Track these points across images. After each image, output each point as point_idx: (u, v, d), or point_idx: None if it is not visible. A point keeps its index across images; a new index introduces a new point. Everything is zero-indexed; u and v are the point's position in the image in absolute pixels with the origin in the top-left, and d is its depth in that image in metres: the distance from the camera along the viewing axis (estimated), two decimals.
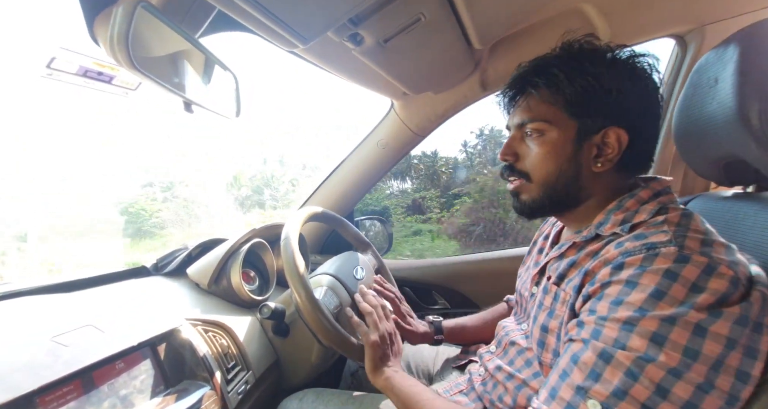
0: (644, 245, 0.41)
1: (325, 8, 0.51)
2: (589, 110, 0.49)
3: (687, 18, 0.81)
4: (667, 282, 0.37)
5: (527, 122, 0.52)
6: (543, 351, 0.51)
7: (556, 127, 0.50)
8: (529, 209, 0.55)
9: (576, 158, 0.50)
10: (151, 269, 0.91)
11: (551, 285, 0.52)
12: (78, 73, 0.47)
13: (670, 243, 0.40)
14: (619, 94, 0.47)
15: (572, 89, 0.48)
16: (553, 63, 0.51)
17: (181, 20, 0.47)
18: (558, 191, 0.52)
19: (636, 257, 0.40)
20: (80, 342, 0.51)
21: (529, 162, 0.53)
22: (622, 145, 0.48)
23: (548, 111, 0.50)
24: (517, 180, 0.55)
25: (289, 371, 0.82)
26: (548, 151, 0.51)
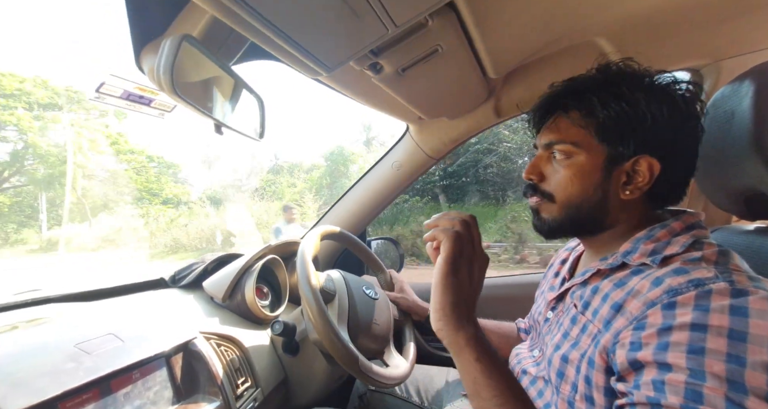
0: (690, 281, 0.38)
1: (349, 41, 0.55)
2: (622, 137, 0.47)
3: (703, 53, 0.82)
4: (739, 320, 0.34)
5: (555, 144, 0.51)
6: (562, 382, 0.49)
7: (584, 151, 0.49)
8: (549, 227, 0.54)
9: (603, 184, 0.49)
10: (169, 282, 0.94)
11: (579, 315, 0.50)
12: (122, 96, 0.51)
13: (717, 278, 0.38)
14: (654, 122, 0.46)
15: (605, 114, 0.47)
16: (588, 85, 0.50)
17: (217, 51, 0.51)
18: (581, 214, 0.51)
19: (686, 296, 0.37)
20: (101, 350, 0.53)
21: (553, 183, 0.52)
22: (654, 174, 0.47)
23: (578, 134, 0.49)
24: (539, 198, 0.54)
25: (296, 390, 0.81)
26: (574, 175, 0.50)
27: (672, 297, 0.38)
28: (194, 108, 0.46)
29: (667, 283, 0.40)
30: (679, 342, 0.36)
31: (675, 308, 0.38)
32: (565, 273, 0.61)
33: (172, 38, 0.40)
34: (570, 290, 0.55)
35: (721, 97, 0.56)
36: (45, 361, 0.48)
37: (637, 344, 0.39)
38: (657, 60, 0.84)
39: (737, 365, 0.33)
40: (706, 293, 0.37)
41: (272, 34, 0.45)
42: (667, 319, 0.37)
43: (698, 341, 0.35)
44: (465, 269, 0.45)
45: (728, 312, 0.35)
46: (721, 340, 0.34)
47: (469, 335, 0.43)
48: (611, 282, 0.47)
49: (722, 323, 0.35)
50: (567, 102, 0.51)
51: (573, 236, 0.57)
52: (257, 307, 0.84)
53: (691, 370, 0.34)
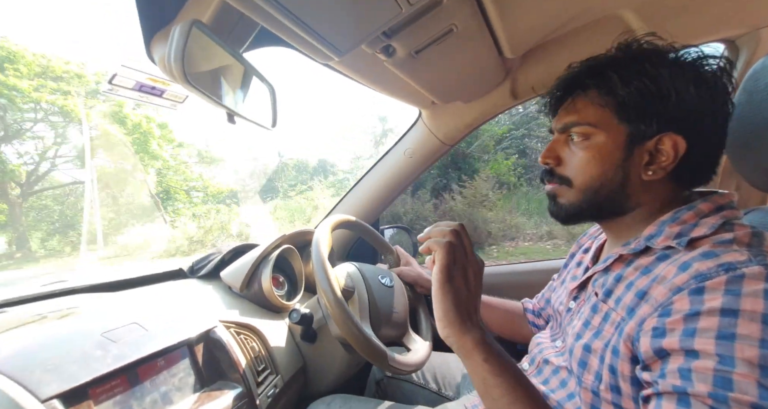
0: (720, 265, 0.37)
1: (360, 22, 0.53)
2: (644, 115, 0.45)
3: (739, 22, 0.76)
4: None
5: (572, 126, 0.50)
6: (584, 372, 0.48)
7: (603, 132, 0.47)
8: (566, 212, 0.52)
9: (624, 165, 0.47)
10: (188, 272, 0.95)
11: (601, 304, 0.48)
12: (134, 87, 0.51)
13: (750, 262, 0.36)
14: (679, 98, 0.44)
15: (626, 91, 0.45)
16: (607, 63, 0.48)
17: (227, 37, 0.50)
18: (600, 198, 0.49)
19: (716, 280, 0.36)
20: (127, 339, 0.54)
21: (571, 167, 0.50)
22: (679, 153, 0.45)
23: (596, 114, 0.48)
24: (555, 183, 0.53)
25: (315, 377, 0.83)
26: (593, 157, 0.48)
27: (700, 282, 0.36)
28: (206, 97, 0.45)
29: (695, 267, 0.38)
30: (707, 328, 0.34)
31: (703, 293, 0.36)
32: (588, 262, 0.60)
33: (182, 24, 0.39)
34: (592, 278, 0.53)
35: (762, 69, 0.52)
36: (74, 349, 0.49)
37: (661, 330, 0.37)
38: (687, 32, 0.79)
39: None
40: (738, 277, 0.35)
41: (282, 17, 0.43)
42: (695, 304, 0.36)
43: (728, 326, 0.33)
44: (460, 276, 0.46)
45: (763, 296, 0.33)
46: (755, 325, 0.32)
47: (476, 338, 0.44)
48: (636, 270, 0.45)
49: (756, 308, 0.33)
50: (585, 81, 0.49)
51: (592, 221, 0.55)
52: (274, 296, 0.85)
53: (720, 356, 0.33)
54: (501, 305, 0.85)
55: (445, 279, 0.45)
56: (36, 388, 0.41)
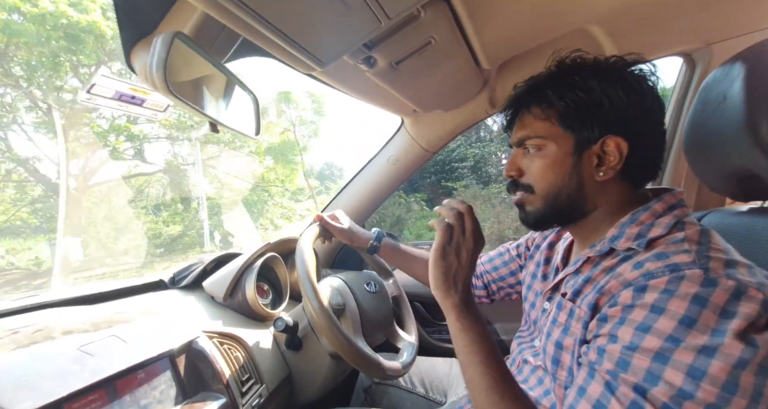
0: (667, 266, 0.40)
1: (341, 35, 0.54)
2: (584, 122, 0.50)
3: (694, 37, 0.83)
4: (696, 308, 0.36)
5: (525, 139, 0.54)
6: (558, 369, 0.51)
7: (553, 142, 0.52)
8: (534, 219, 0.56)
9: (577, 169, 0.51)
10: (168, 283, 0.93)
11: (566, 301, 0.52)
12: (114, 97, 0.51)
13: (694, 264, 0.39)
14: (611, 104, 0.48)
15: (563, 104, 0.50)
16: (544, 82, 0.54)
17: (209, 48, 0.51)
18: (561, 202, 0.53)
19: (660, 280, 0.39)
20: (105, 352, 0.53)
21: (531, 176, 0.55)
22: (623, 153, 0.49)
23: (543, 127, 0.52)
24: (520, 193, 0.57)
25: (301, 385, 0.82)
26: (548, 164, 0.52)
27: (647, 280, 0.40)
28: (189, 106, 0.46)
29: (646, 267, 0.42)
30: (633, 320, 0.39)
31: (645, 290, 0.40)
32: (558, 263, 0.62)
33: (164, 36, 0.39)
34: (564, 280, 0.56)
35: (713, 81, 0.57)
36: (49, 364, 0.48)
37: (603, 316, 0.43)
38: (649, 46, 0.85)
39: (672, 343, 0.35)
40: (678, 279, 0.38)
41: (264, 29, 0.45)
42: (635, 299, 0.40)
43: (650, 320, 0.38)
44: (453, 253, 0.54)
45: (690, 300, 0.36)
46: (671, 323, 0.36)
47: (454, 301, 0.53)
48: (603, 272, 0.48)
49: (679, 310, 0.36)
50: (527, 100, 0.54)
51: (558, 225, 0.59)
52: (258, 305, 0.84)
53: (631, 343, 0.38)
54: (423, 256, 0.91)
55: (437, 256, 0.54)
56: (9, 405, 0.40)
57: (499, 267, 0.82)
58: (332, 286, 0.81)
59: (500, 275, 0.82)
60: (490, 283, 0.84)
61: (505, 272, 0.81)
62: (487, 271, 0.84)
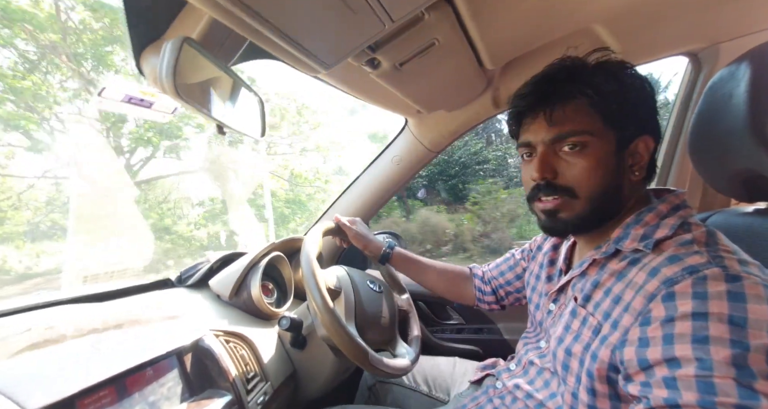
0: (684, 269, 0.39)
1: (346, 38, 0.55)
2: (624, 119, 0.48)
3: (700, 36, 0.82)
4: (738, 305, 0.35)
5: (568, 135, 0.48)
6: (567, 374, 0.50)
7: (597, 139, 0.47)
8: (571, 225, 0.51)
9: (619, 170, 0.49)
10: (175, 282, 0.95)
11: (579, 308, 0.51)
12: (124, 100, 0.52)
13: (710, 264, 0.38)
14: (640, 102, 0.49)
15: (613, 99, 0.47)
16: (592, 71, 0.49)
17: (217, 52, 0.52)
18: (604, 205, 0.49)
19: (683, 284, 0.38)
20: (114, 349, 0.54)
21: (572, 177, 0.49)
22: (650, 152, 0.49)
23: (590, 121, 0.47)
24: (558, 198, 0.50)
25: (305, 383, 0.83)
26: (594, 165, 0.48)
27: (669, 287, 0.39)
28: (197, 109, 0.47)
29: (663, 273, 0.41)
30: (683, 333, 0.36)
31: (674, 298, 0.38)
32: (562, 265, 0.62)
33: (173, 41, 0.40)
34: (571, 283, 0.55)
35: (719, 80, 0.56)
36: (61, 361, 0.49)
37: (644, 340, 0.39)
38: (654, 45, 0.84)
39: (741, 349, 0.34)
40: (701, 279, 0.37)
41: (270, 33, 0.45)
42: (669, 310, 0.38)
43: (701, 329, 0.36)
44: None
45: (726, 298, 0.36)
46: (723, 326, 0.35)
47: None
48: (612, 275, 0.48)
49: (722, 310, 0.35)
50: (571, 88, 0.48)
51: (591, 231, 0.54)
52: (263, 303, 0.85)
53: (699, 360, 0.35)
54: (444, 268, 0.90)
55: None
56: (23, 400, 0.41)
57: (506, 272, 0.82)
58: (335, 272, 0.82)
59: (506, 279, 0.82)
60: (497, 288, 0.84)
61: (511, 276, 0.81)
62: (494, 277, 0.85)
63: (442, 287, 0.90)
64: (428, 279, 0.89)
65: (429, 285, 0.90)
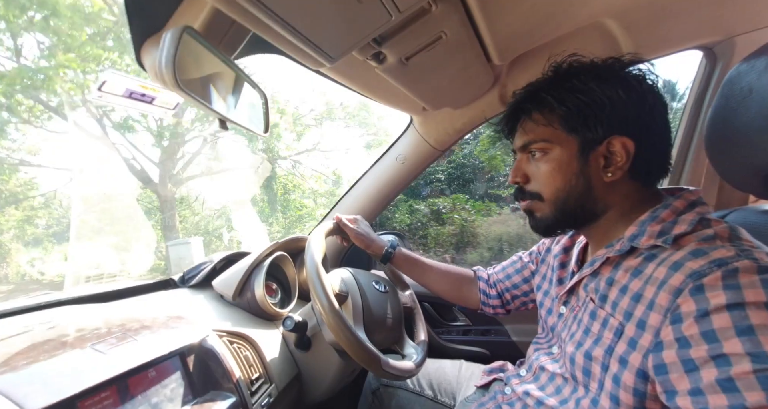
0: (711, 262, 0.38)
1: (351, 29, 0.53)
2: (586, 124, 0.49)
3: (715, 30, 0.80)
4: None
5: (530, 143, 0.54)
6: (590, 380, 0.48)
7: (557, 145, 0.51)
8: (545, 226, 0.55)
9: (584, 171, 0.51)
10: (178, 282, 0.94)
11: (599, 309, 0.49)
12: (124, 94, 0.51)
13: (739, 257, 0.37)
14: (612, 104, 0.48)
15: (564, 108, 0.50)
16: (542, 87, 0.53)
17: (219, 43, 0.50)
18: (571, 207, 0.52)
19: (713, 277, 0.36)
20: (116, 350, 0.53)
21: (538, 182, 0.54)
22: (630, 152, 0.48)
23: (545, 131, 0.52)
24: (528, 201, 0.56)
25: (310, 385, 0.82)
26: (554, 169, 0.52)
27: (697, 280, 0.37)
28: (198, 103, 0.45)
29: (688, 266, 0.39)
30: (724, 327, 0.34)
31: (704, 291, 0.36)
32: (573, 266, 0.61)
33: (173, 31, 0.39)
34: (582, 283, 0.54)
35: (737, 74, 0.54)
36: (62, 361, 0.48)
37: (683, 340, 0.36)
38: (667, 39, 0.82)
39: None
40: (732, 271, 0.36)
41: (274, 24, 0.44)
42: (700, 303, 0.36)
43: (742, 319, 0.33)
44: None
45: (761, 286, 0.34)
46: (763, 313, 0.33)
47: None
48: (627, 272, 0.46)
49: (758, 298, 0.34)
50: (527, 106, 0.54)
51: (571, 229, 0.59)
52: (267, 304, 0.84)
53: (751, 354, 0.32)
54: (447, 270, 0.88)
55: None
56: (23, 401, 0.40)
57: (512, 275, 0.80)
58: (340, 275, 0.80)
59: (513, 282, 0.80)
60: (503, 292, 0.82)
61: (518, 279, 0.80)
62: (500, 280, 0.82)
63: (444, 289, 0.88)
64: (431, 281, 0.88)
65: (431, 287, 0.88)
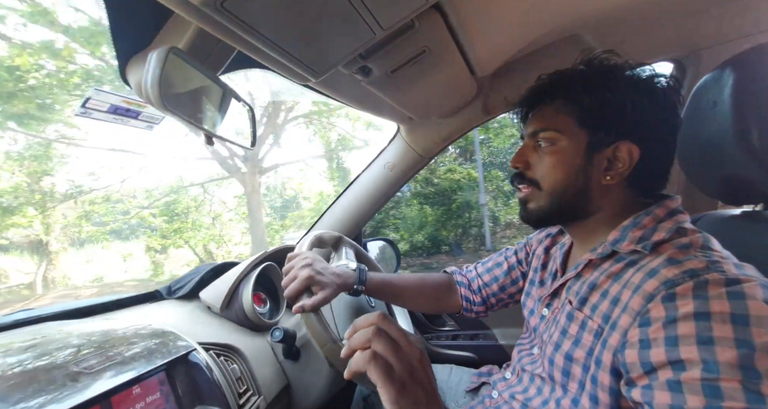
0: (685, 272, 0.39)
1: (337, 46, 0.55)
2: (603, 123, 0.49)
3: (682, 43, 0.84)
4: (738, 303, 0.35)
5: (540, 131, 0.53)
6: (568, 380, 0.50)
7: (566, 138, 0.51)
8: (536, 217, 0.55)
9: (585, 170, 0.51)
10: (165, 294, 0.93)
11: (575, 311, 0.50)
12: (108, 110, 0.51)
13: (709, 269, 0.39)
14: (634, 109, 0.48)
15: (588, 101, 0.50)
16: (573, 76, 0.53)
17: (205, 61, 0.51)
18: (566, 201, 0.52)
19: (685, 286, 0.38)
20: (99, 367, 0.52)
21: (539, 170, 0.54)
22: (633, 160, 0.49)
23: (561, 121, 0.52)
24: (527, 188, 0.55)
25: (299, 396, 0.81)
26: (558, 160, 0.52)
27: (670, 288, 0.39)
28: (184, 120, 0.46)
29: (663, 274, 0.41)
30: (687, 334, 0.36)
31: (675, 299, 0.38)
32: (557, 268, 0.61)
33: (159, 51, 0.39)
34: (566, 286, 0.55)
35: (704, 87, 0.58)
36: (42, 380, 0.47)
37: (646, 342, 0.39)
38: (639, 52, 0.86)
39: (747, 349, 0.33)
40: (703, 283, 0.38)
41: (259, 42, 0.45)
42: (670, 311, 0.38)
43: (705, 330, 0.35)
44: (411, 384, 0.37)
45: (726, 298, 0.36)
46: (726, 326, 0.34)
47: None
48: (608, 277, 0.48)
49: (723, 309, 0.35)
50: (553, 91, 0.53)
51: (559, 224, 0.59)
52: (256, 315, 0.84)
53: (704, 362, 0.34)
54: (422, 283, 0.82)
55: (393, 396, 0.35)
56: None
57: (500, 277, 0.78)
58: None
59: (501, 285, 0.78)
60: (489, 296, 0.80)
61: (507, 281, 0.78)
62: (486, 284, 0.80)
63: (422, 304, 0.84)
64: (407, 301, 0.82)
65: (408, 306, 0.84)
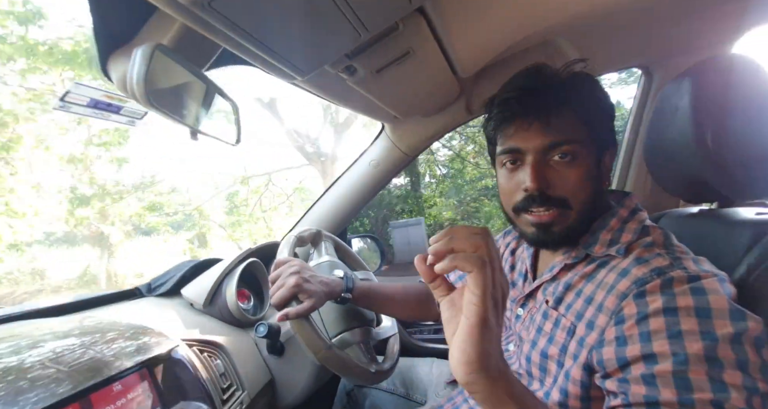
0: (653, 270, 0.42)
1: (323, 46, 0.56)
2: (602, 130, 0.50)
3: (650, 51, 0.89)
4: (700, 298, 0.38)
5: (561, 144, 0.46)
6: (545, 376, 0.52)
7: (585, 149, 0.47)
8: (560, 238, 0.50)
9: (599, 179, 0.50)
10: (144, 291, 0.91)
11: (551, 310, 0.52)
12: (89, 105, 0.50)
13: (672, 267, 0.42)
14: (612, 118, 0.52)
15: (594, 111, 0.49)
16: (576, 81, 0.49)
17: (190, 57, 0.51)
18: (591, 215, 0.50)
19: (653, 284, 0.41)
20: (77, 365, 0.51)
21: (564, 188, 0.47)
22: (612, 161, 0.53)
23: (579, 131, 0.47)
24: (554, 210, 0.48)
25: (283, 390, 0.82)
26: (584, 174, 0.47)
27: (640, 286, 0.42)
28: (168, 116, 0.45)
29: (633, 273, 0.44)
30: (658, 329, 0.38)
31: (645, 296, 0.41)
32: (528, 269, 0.62)
33: (144, 48, 0.39)
34: (541, 287, 0.56)
35: (666, 93, 0.62)
36: (17, 379, 0.46)
37: (622, 339, 0.41)
38: (611, 58, 0.91)
39: (710, 340, 0.36)
40: (668, 281, 0.41)
41: (246, 41, 0.45)
42: (641, 307, 0.40)
43: (673, 324, 0.38)
44: (496, 313, 0.34)
45: (690, 293, 0.39)
46: (692, 319, 0.37)
47: (509, 384, 0.35)
48: (582, 278, 0.50)
49: (688, 304, 0.38)
50: (555, 100, 0.47)
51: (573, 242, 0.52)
52: (239, 311, 0.84)
53: (674, 355, 0.36)
54: (406, 293, 0.80)
55: (486, 315, 0.33)
56: None
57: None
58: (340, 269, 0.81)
59: None
60: None
61: None
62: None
63: (407, 314, 0.83)
64: (392, 309, 0.81)
65: (393, 314, 0.83)
